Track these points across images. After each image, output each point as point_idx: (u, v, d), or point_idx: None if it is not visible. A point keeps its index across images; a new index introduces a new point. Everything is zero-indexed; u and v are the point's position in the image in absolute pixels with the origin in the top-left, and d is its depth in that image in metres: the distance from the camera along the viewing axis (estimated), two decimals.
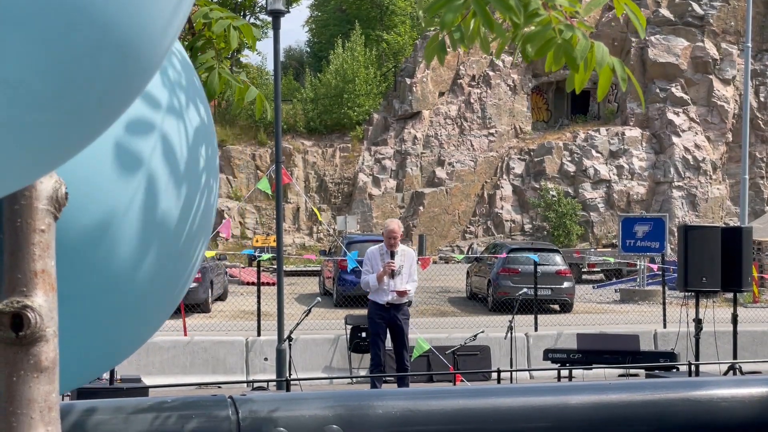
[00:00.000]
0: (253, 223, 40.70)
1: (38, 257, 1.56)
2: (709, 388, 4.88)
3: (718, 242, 13.00)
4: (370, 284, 11.41)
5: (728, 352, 14.36)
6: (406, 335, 11.67)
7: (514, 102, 43.70)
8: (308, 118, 43.26)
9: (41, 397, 1.54)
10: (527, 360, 17.00)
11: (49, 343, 1.55)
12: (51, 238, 1.55)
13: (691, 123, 42.45)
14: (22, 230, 1.56)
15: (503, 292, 24.60)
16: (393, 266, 11.29)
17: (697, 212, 41.09)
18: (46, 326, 1.55)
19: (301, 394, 5.75)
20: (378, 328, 11.47)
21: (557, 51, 1.89)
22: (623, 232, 29.76)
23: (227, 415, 2.51)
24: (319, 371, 16.06)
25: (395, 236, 11.55)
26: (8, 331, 1.53)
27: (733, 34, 43.23)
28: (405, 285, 11.48)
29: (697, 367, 12.98)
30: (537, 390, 4.76)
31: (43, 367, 1.54)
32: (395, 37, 48.69)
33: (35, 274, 1.55)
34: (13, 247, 1.55)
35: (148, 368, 15.41)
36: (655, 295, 26.79)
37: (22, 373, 1.53)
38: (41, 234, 1.57)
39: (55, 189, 1.59)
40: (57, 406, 1.56)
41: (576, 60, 1.87)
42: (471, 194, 42.00)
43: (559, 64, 1.94)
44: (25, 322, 1.53)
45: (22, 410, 1.53)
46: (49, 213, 1.58)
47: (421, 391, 3.48)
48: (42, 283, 1.55)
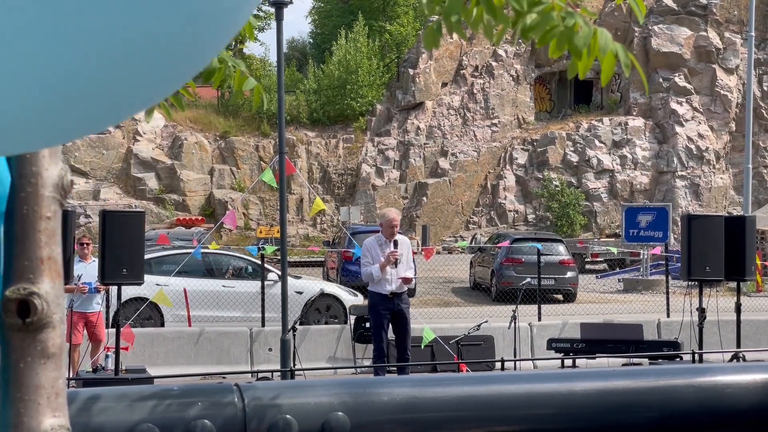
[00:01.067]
0: (257, 214, 40.72)
1: (44, 244, 1.56)
2: (712, 375, 4.89)
3: (722, 231, 13.00)
4: (374, 275, 11.33)
5: (732, 341, 14.34)
6: (408, 323, 11.66)
7: (517, 92, 43.65)
8: (311, 109, 43.24)
9: (48, 383, 1.55)
10: (531, 350, 17.02)
11: (56, 329, 1.56)
12: (57, 225, 1.55)
13: (695, 112, 42.39)
14: (29, 217, 1.56)
15: (507, 282, 24.63)
16: (397, 255, 11.25)
17: (701, 202, 41.06)
18: (53, 313, 1.55)
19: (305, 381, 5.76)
20: (382, 318, 11.44)
21: (560, 38, 1.89)
22: (626, 221, 29.77)
23: (233, 401, 2.52)
24: (324, 361, 16.09)
25: (396, 224, 11.51)
26: (15, 318, 1.53)
27: (737, 24, 43.13)
28: (407, 272, 11.47)
29: (700, 356, 13.00)
30: (541, 377, 4.78)
31: (49, 353, 1.55)
32: (398, 27, 48.64)
33: (42, 261, 1.56)
34: (20, 235, 1.56)
35: (153, 359, 15.46)
36: (658, 284, 26.78)
37: (29, 359, 1.54)
38: (47, 221, 1.57)
39: (60, 176, 1.60)
40: (64, 392, 1.57)
41: (578, 47, 1.88)
42: (474, 185, 41.98)
43: (562, 50, 1.94)
44: (32, 308, 1.54)
45: (30, 396, 1.54)
46: (55, 200, 1.58)
47: (425, 378, 3.49)
48: (48, 270, 1.56)
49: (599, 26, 2.06)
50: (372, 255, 11.39)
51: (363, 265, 11.54)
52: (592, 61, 1.93)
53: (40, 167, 1.57)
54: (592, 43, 1.89)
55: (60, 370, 1.57)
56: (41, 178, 1.58)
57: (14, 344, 1.55)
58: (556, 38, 1.90)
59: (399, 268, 11.33)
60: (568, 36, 1.88)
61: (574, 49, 1.89)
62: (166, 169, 40.47)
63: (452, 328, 16.86)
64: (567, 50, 1.94)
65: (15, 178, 1.58)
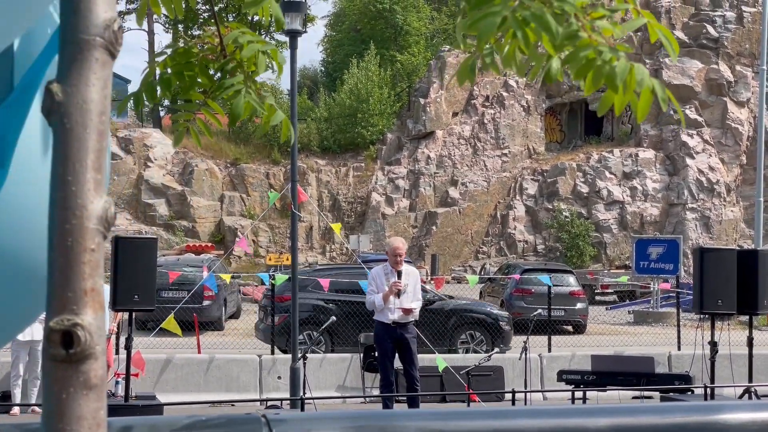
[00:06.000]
0: (267, 241, 40.77)
1: (88, 276, 1.58)
2: (726, 413, 4.86)
3: (734, 265, 12.97)
4: (376, 304, 11.39)
5: (743, 375, 14.28)
6: (414, 353, 11.66)
7: (527, 122, 43.75)
8: (322, 137, 43.40)
9: (90, 414, 1.56)
10: (541, 381, 16.96)
11: (98, 360, 1.57)
12: (100, 257, 1.58)
13: (705, 145, 42.42)
14: (73, 249, 1.58)
15: (517, 312, 24.57)
16: (400, 286, 11.31)
17: (711, 234, 41.00)
18: (96, 344, 1.57)
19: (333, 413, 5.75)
20: (386, 347, 11.48)
21: (597, 72, 1.90)
22: (637, 253, 29.71)
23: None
24: (332, 390, 16.05)
25: (400, 254, 11.53)
26: (59, 349, 1.55)
27: (748, 57, 43.23)
28: (411, 303, 11.50)
29: (712, 390, 12.93)
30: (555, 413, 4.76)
31: (92, 384, 1.56)
32: (409, 57, 48.85)
33: (85, 293, 1.58)
34: (64, 266, 1.58)
35: (162, 386, 15.45)
36: (668, 317, 26.71)
37: (72, 390, 1.55)
38: (91, 253, 1.59)
39: (105, 209, 1.62)
40: (105, 423, 1.58)
41: (616, 81, 1.89)
42: (484, 214, 42.01)
43: (598, 86, 1.96)
44: (75, 339, 1.55)
45: (72, 427, 1.55)
46: (99, 232, 1.60)
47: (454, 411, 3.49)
48: (92, 302, 1.58)
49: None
50: (377, 284, 11.46)
51: (368, 293, 11.61)
52: (630, 96, 1.94)
53: (85, 200, 1.60)
54: (629, 79, 1.91)
55: (101, 402, 1.58)
56: (86, 211, 1.60)
57: (57, 375, 1.56)
58: (593, 73, 1.92)
59: (403, 298, 11.36)
60: (606, 71, 1.89)
61: (612, 84, 1.90)
62: (176, 196, 40.59)
63: (463, 357, 16.82)
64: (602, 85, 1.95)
65: (59, 210, 1.60)
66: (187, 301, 18.47)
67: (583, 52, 1.87)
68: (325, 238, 41.32)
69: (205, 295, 21.69)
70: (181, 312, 17.13)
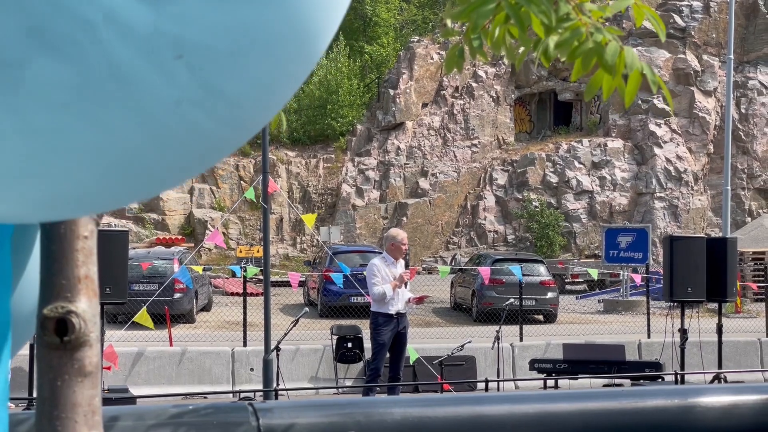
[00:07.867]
0: (237, 233, 40.64)
1: (82, 263, 1.58)
2: (696, 396, 4.92)
3: (703, 253, 13.11)
4: (387, 295, 11.45)
5: (713, 362, 14.44)
6: (406, 344, 11.90)
7: (497, 113, 43.84)
8: (292, 128, 43.27)
9: (85, 401, 1.57)
10: (513, 370, 17.07)
11: (93, 348, 1.57)
12: (93, 245, 1.57)
13: (673, 134, 42.69)
14: (66, 237, 1.58)
15: (488, 302, 24.66)
16: (410, 276, 11.58)
17: (679, 223, 41.30)
18: (90, 331, 1.57)
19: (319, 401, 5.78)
20: (385, 338, 11.57)
21: (588, 54, 1.91)
22: (607, 243, 29.91)
23: (247, 420, 2.53)
24: (305, 381, 16.07)
25: (406, 243, 11.78)
26: (53, 336, 1.55)
27: (715, 46, 43.53)
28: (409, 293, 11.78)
29: (682, 377, 13.08)
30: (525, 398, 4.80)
31: (86, 371, 1.56)
32: (378, 48, 48.79)
33: (79, 280, 1.58)
34: (58, 254, 1.58)
35: (134, 378, 15.41)
36: (638, 305, 26.89)
37: (67, 377, 1.55)
38: (84, 240, 1.59)
39: None
40: (100, 410, 1.58)
41: (608, 61, 1.90)
42: (454, 205, 42.08)
43: (588, 68, 1.97)
44: (69, 327, 1.55)
45: (67, 414, 1.55)
46: (92, 220, 1.61)
47: (438, 398, 3.51)
48: (85, 289, 1.58)
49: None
50: (383, 275, 11.49)
51: (373, 285, 11.58)
52: (619, 80, 1.95)
53: None
54: (618, 62, 1.92)
55: (96, 389, 1.58)
56: None
57: (51, 363, 1.56)
58: (584, 55, 1.93)
59: (404, 288, 11.57)
60: (597, 52, 1.90)
61: (604, 65, 1.91)
62: None
63: (435, 348, 16.87)
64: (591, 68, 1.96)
65: None
66: (158, 293, 18.41)
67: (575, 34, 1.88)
68: (296, 230, 41.24)
69: (176, 288, 21.60)
70: (153, 305, 17.10)
